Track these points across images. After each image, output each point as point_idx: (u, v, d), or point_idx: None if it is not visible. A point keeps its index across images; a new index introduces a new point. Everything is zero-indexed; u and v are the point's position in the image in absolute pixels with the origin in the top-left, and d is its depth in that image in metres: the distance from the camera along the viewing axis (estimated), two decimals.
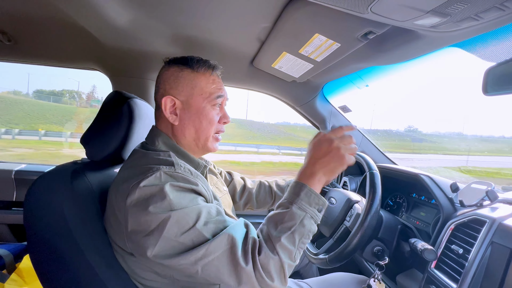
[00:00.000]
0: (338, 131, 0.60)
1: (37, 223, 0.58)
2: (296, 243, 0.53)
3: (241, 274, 0.49)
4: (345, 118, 1.35)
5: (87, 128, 0.70)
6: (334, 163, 0.57)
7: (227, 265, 0.50)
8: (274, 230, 0.54)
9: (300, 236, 0.53)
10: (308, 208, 0.55)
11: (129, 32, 0.92)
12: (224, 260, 0.50)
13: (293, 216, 0.54)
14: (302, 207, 0.55)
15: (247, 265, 0.49)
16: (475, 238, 0.64)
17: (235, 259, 0.50)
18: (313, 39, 0.75)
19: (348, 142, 0.59)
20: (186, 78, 0.64)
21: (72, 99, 27.35)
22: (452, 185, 0.81)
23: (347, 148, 0.58)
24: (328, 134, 0.60)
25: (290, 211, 0.55)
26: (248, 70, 1.16)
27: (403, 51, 0.72)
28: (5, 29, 0.99)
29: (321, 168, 0.57)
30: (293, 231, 0.53)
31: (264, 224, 0.57)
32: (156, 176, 0.53)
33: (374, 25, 0.62)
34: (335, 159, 0.57)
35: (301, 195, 0.55)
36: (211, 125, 0.66)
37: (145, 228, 0.50)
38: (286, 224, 0.53)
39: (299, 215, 0.54)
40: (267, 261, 0.51)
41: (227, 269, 0.50)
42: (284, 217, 0.54)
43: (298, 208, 0.55)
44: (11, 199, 1.38)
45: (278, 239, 0.52)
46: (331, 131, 0.61)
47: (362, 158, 0.83)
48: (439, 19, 0.48)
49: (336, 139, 0.58)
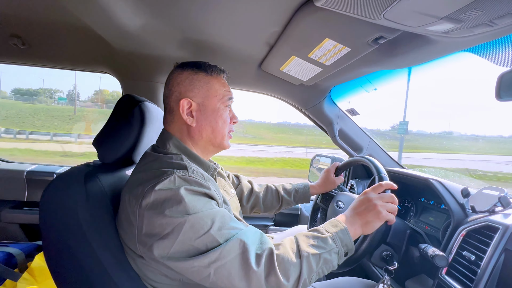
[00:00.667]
0: (377, 188, 0.66)
1: (52, 223, 0.60)
2: (319, 265, 0.55)
3: (251, 277, 0.50)
4: (352, 121, 1.34)
5: (99, 130, 0.72)
6: (372, 218, 0.61)
7: (238, 269, 0.50)
8: (304, 244, 0.56)
9: (323, 263, 0.55)
10: (339, 244, 0.57)
11: (140, 37, 0.94)
12: (236, 264, 0.50)
13: (326, 242, 0.56)
14: (335, 240, 0.57)
15: (258, 267, 0.50)
16: (488, 245, 0.63)
17: (247, 263, 0.50)
18: (323, 43, 0.75)
19: (387, 200, 0.64)
20: (201, 81, 0.67)
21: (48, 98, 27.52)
22: (463, 190, 0.80)
23: (385, 205, 0.62)
24: (369, 191, 0.66)
25: (325, 237, 0.57)
26: (256, 73, 1.16)
27: (414, 56, 0.72)
28: (20, 34, 1.02)
29: (359, 220, 0.62)
30: (321, 254, 0.55)
31: (292, 237, 0.59)
32: (171, 180, 0.54)
33: (386, 30, 0.62)
34: (372, 214, 0.61)
35: (338, 231, 0.59)
36: (225, 124, 0.69)
37: (160, 231, 0.51)
38: (318, 245, 0.56)
39: (331, 245, 0.57)
40: (288, 265, 0.52)
41: (238, 273, 0.50)
42: (317, 239, 0.57)
43: (332, 239, 0.57)
44: (22, 199, 1.41)
45: (307, 253, 0.54)
46: (371, 188, 0.67)
47: (369, 162, 0.83)
48: (453, 25, 0.48)
49: (376, 196, 0.64)
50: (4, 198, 1.41)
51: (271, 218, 1.52)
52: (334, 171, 1.03)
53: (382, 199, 0.63)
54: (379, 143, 1.36)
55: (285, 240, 0.58)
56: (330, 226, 0.60)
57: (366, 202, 0.63)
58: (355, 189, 1.34)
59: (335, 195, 1.00)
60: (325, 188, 1.02)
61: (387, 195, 0.65)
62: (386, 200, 0.64)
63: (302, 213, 1.50)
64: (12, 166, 1.48)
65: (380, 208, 0.61)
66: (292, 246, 0.56)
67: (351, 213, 0.64)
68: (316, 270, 0.54)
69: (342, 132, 1.34)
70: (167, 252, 0.51)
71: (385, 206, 0.62)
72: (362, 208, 0.63)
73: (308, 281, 0.53)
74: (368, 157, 0.88)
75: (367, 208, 0.62)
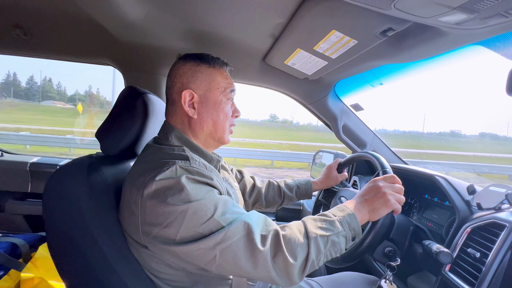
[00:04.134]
0: (390, 179, 0.66)
1: (55, 214, 0.60)
2: (326, 247, 0.54)
3: (258, 258, 0.50)
4: (356, 117, 1.33)
5: (102, 122, 0.71)
6: (379, 205, 0.61)
7: (244, 250, 0.50)
8: (312, 226, 0.56)
9: (331, 245, 0.55)
10: (347, 228, 0.57)
11: (142, 28, 0.93)
12: (241, 245, 0.50)
13: (334, 225, 0.56)
14: (343, 224, 0.57)
15: (264, 247, 0.50)
16: (493, 242, 0.63)
17: (252, 244, 0.50)
18: (329, 35, 0.73)
19: (396, 190, 0.63)
20: (204, 72, 0.66)
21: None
22: (468, 187, 0.79)
23: (394, 194, 0.62)
24: (379, 179, 0.65)
25: (332, 220, 0.57)
26: (260, 66, 1.15)
27: (423, 49, 0.70)
28: (22, 24, 1.01)
29: (366, 206, 0.62)
30: (329, 236, 0.55)
31: (297, 221, 0.59)
32: (172, 170, 0.53)
33: (395, 21, 0.60)
34: (380, 201, 0.61)
35: (346, 215, 0.58)
36: (227, 118, 0.69)
37: (163, 220, 0.51)
38: (325, 227, 0.56)
39: (338, 227, 0.56)
40: (295, 246, 0.52)
41: (244, 254, 0.50)
42: (325, 222, 0.57)
43: (339, 222, 0.57)
44: (26, 191, 1.42)
45: (315, 234, 0.54)
46: (383, 177, 0.66)
47: (373, 157, 0.81)
48: (466, 15, 0.47)
49: (386, 184, 0.63)
50: (8, 189, 1.42)
51: (273, 213, 1.52)
52: (337, 167, 1.02)
53: (392, 188, 0.63)
54: (383, 139, 1.34)
55: (291, 223, 0.58)
56: (337, 210, 0.60)
57: (376, 189, 0.63)
58: (358, 185, 1.33)
59: (338, 191, 0.99)
60: (327, 184, 1.02)
61: (397, 185, 0.64)
62: (396, 190, 0.63)
63: (304, 208, 1.50)
64: (15, 158, 1.48)
65: (389, 196, 0.61)
66: (299, 228, 0.56)
67: (359, 200, 0.63)
68: (324, 252, 0.54)
69: (346, 127, 1.32)
70: (172, 240, 0.51)
71: (394, 195, 0.62)
72: (370, 194, 0.63)
73: (316, 262, 0.53)
74: (371, 152, 0.87)
75: (376, 195, 0.62)
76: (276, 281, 0.52)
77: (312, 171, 1.58)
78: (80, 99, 55.26)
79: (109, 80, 31.30)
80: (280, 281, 0.52)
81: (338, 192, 0.98)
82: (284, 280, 0.52)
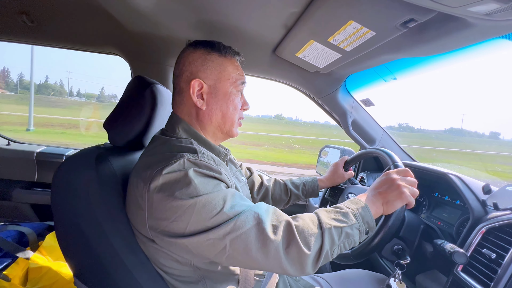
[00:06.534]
0: (404, 172, 0.64)
1: (63, 205, 0.59)
2: (340, 239, 0.53)
3: (269, 247, 0.49)
4: (366, 113, 1.30)
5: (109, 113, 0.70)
6: (394, 197, 0.60)
7: (255, 239, 0.49)
8: (325, 217, 0.55)
9: (345, 237, 0.53)
10: (360, 221, 0.56)
11: (151, 17, 0.90)
12: (252, 234, 0.49)
13: (347, 217, 0.55)
14: (357, 216, 0.56)
15: (275, 237, 0.49)
16: (510, 244, 0.61)
17: (263, 233, 0.49)
18: (346, 26, 0.70)
19: (410, 183, 0.62)
20: (215, 61, 0.63)
21: None
22: (484, 186, 0.77)
23: (408, 187, 0.61)
24: (392, 172, 0.64)
25: (346, 212, 0.56)
26: (270, 58, 1.12)
27: (444, 42, 0.67)
28: (29, 11, 0.99)
29: (380, 199, 0.60)
30: (343, 227, 0.53)
31: (309, 213, 0.57)
32: (180, 163, 0.52)
33: (418, 11, 0.57)
34: (394, 194, 0.60)
35: (359, 208, 0.57)
36: (236, 110, 0.66)
37: (171, 215, 0.50)
38: (339, 219, 0.54)
39: (352, 219, 0.55)
40: (309, 235, 0.51)
41: (255, 244, 0.49)
42: (339, 213, 0.56)
43: (353, 215, 0.56)
44: (32, 180, 1.42)
45: (329, 225, 0.53)
46: (396, 170, 0.65)
47: (384, 153, 0.79)
48: (499, 5, 0.44)
49: (400, 177, 0.62)
50: (15, 178, 1.43)
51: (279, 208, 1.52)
52: (343, 164, 1.00)
53: (406, 181, 0.62)
54: (392, 136, 1.32)
55: (303, 214, 0.56)
56: (350, 203, 0.59)
57: (389, 182, 0.61)
58: (366, 182, 1.31)
59: (345, 188, 0.98)
60: (333, 182, 1.00)
61: (410, 178, 0.63)
62: (409, 183, 0.62)
63: (310, 204, 1.49)
64: (22, 147, 1.49)
65: (404, 188, 0.60)
66: (312, 218, 0.55)
67: (373, 192, 0.62)
68: (338, 244, 0.53)
69: (355, 123, 1.30)
70: (181, 233, 0.50)
71: (408, 188, 0.61)
72: (384, 187, 0.61)
73: (330, 254, 0.52)
74: (380, 148, 0.85)
75: (390, 187, 0.60)
76: (288, 271, 0.50)
77: (317, 167, 1.56)
78: None
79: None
80: (292, 271, 0.51)
81: (345, 189, 0.96)
82: (297, 270, 0.51)
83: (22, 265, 1.00)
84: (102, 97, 51.92)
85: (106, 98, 46.75)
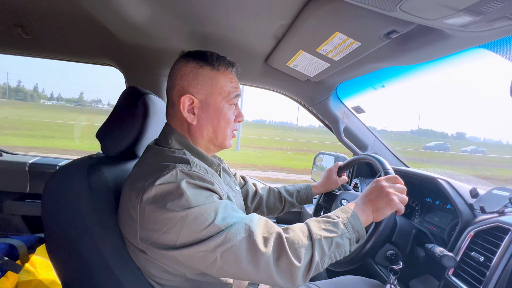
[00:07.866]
0: (393, 179, 0.65)
1: (54, 215, 0.59)
2: (331, 249, 0.53)
3: (260, 260, 0.49)
4: (358, 119, 1.33)
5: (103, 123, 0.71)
6: (383, 205, 0.60)
7: (246, 252, 0.49)
8: (315, 228, 0.55)
9: (336, 247, 0.54)
10: (350, 230, 0.56)
11: (146, 29, 0.92)
12: (242, 247, 0.49)
13: (337, 227, 0.56)
14: (347, 225, 0.56)
15: (266, 249, 0.49)
16: (498, 246, 0.62)
17: (254, 246, 0.49)
18: (333, 37, 0.73)
19: (399, 190, 0.63)
20: (206, 76, 0.62)
21: None
22: (471, 190, 0.79)
23: (397, 194, 0.62)
24: (382, 179, 0.65)
25: (336, 222, 0.56)
26: (262, 68, 1.15)
27: (426, 51, 0.70)
28: (24, 24, 1.00)
29: (370, 207, 0.61)
30: (333, 237, 0.54)
31: (300, 223, 0.58)
32: (172, 174, 0.52)
33: (399, 23, 0.60)
34: (384, 201, 0.60)
35: (349, 217, 0.58)
36: (228, 124, 0.66)
37: (162, 226, 0.50)
38: (329, 229, 0.55)
39: (343, 229, 0.56)
40: (299, 247, 0.51)
41: (246, 256, 0.49)
42: (328, 223, 0.56)
43: (343, 224, 0.56)
44: (25, 191, 1.40)
45: (319, 235, 0.53)
46: (385, 177, 0.66)
47: (375, 159, 0.81)
48: (471, 18, 0.46)
49: (389, 184, 0.63)
50: (6, 189, 1.41)
51: (274, 216, 1.51)
52: (337, 170, 1.01)
53: (394, 188, 0.62)
54: (384, 142, 1.34)
55: (294, 225, 0.57)
56: (340, 212, 0.59)
57: (379, 189, 0.62)
58: (359, 188, 1.33)
59: (338, 194, 0.99)
60: (327, 188, 1.01)
61: (399, 185, 0.64)
62: (399, 190, 0.63)
63: (305, 210, 1.49)
64: (14, 158, 1.47)
65: (393, 196, 0.60)
66: (302, 229, 0.55)
67: (362, 200, 0.62)
68: (329, 254, 0.53)
69: (347, 130, 1.32)
70: (172, 245, 0.50)
71: (397, 195, 0.62)
72: (374, 195, 0.62)
73: (320, 265, 0.52)
74: (372, 154, 0.86)
75: (379, 195, 0.61)
76: (278, 284, 0.51)
77: (312, 174, 1.57)
78: None
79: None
80: (283, 283, 0.51)
81: (339, 195, 0.97)
82: (287, 282, 0.51)
83: (12, 279, 0.98)
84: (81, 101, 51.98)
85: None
